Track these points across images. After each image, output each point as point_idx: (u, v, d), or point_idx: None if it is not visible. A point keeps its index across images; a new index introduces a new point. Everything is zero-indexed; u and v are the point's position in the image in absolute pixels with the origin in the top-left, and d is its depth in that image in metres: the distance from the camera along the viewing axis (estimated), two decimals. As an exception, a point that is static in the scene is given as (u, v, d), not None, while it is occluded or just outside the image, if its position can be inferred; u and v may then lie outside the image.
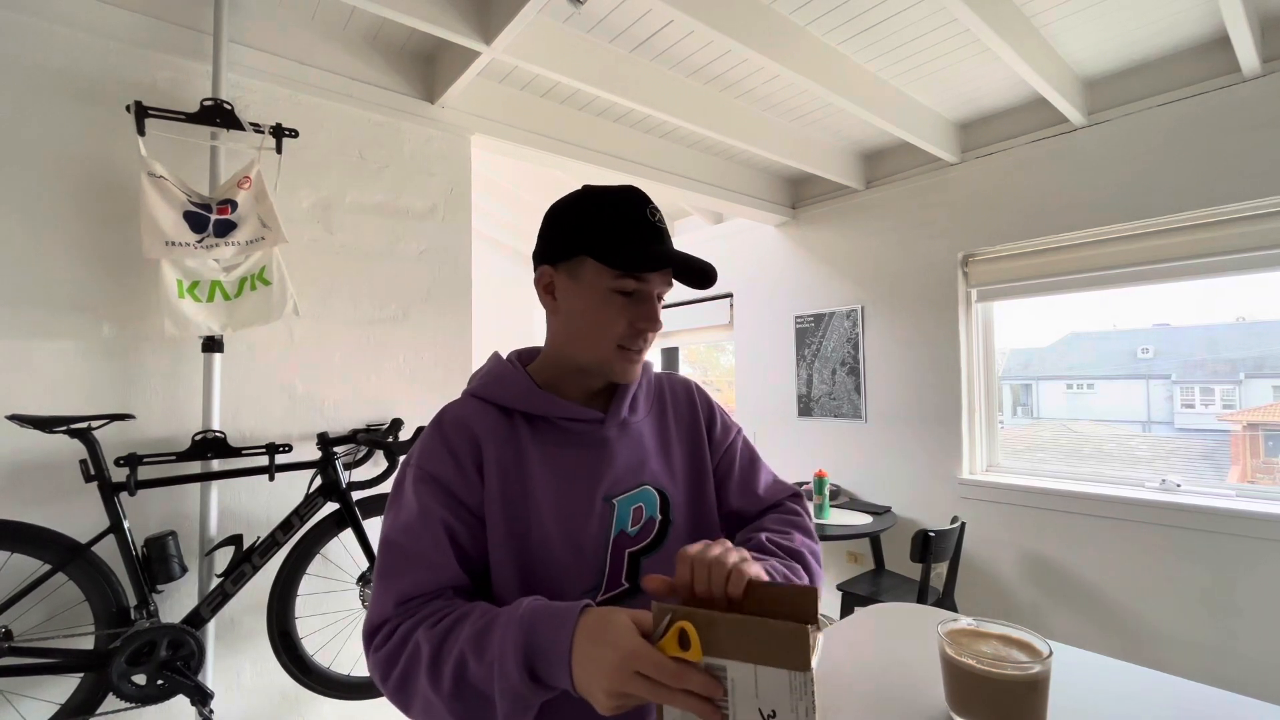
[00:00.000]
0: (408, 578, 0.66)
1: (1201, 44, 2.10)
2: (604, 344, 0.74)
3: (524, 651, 0.55)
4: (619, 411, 0.78)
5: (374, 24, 1.97)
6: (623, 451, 0.77)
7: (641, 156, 2.77)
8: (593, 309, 0.73)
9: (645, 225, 0.72)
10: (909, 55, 2.18)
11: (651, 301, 0.73)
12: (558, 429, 0.75)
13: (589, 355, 0.75)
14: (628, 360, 0.75)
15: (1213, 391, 2.35)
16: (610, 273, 0.71)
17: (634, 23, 1.99)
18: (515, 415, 0.75)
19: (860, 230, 3.18)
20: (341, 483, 1.71)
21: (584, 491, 0.74)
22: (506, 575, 0.69)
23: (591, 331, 0.74)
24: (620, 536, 0.74)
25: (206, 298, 1.60)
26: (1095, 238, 2.44)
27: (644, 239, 0.72)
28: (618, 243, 0.71)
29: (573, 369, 0.77)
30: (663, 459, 0.81)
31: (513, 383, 0.76)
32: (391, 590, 0.66)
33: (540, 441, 0.74)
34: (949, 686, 0.63)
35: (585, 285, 0.73)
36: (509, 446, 0.72)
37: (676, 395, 0.88)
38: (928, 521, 2.83)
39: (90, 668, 1.40)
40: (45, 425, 1.36)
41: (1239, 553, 2.06)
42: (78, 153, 1.58)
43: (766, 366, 3.62)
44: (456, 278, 2.23)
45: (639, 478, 0.77)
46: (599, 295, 0.72)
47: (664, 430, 0.84)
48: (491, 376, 0.78)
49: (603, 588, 0.72)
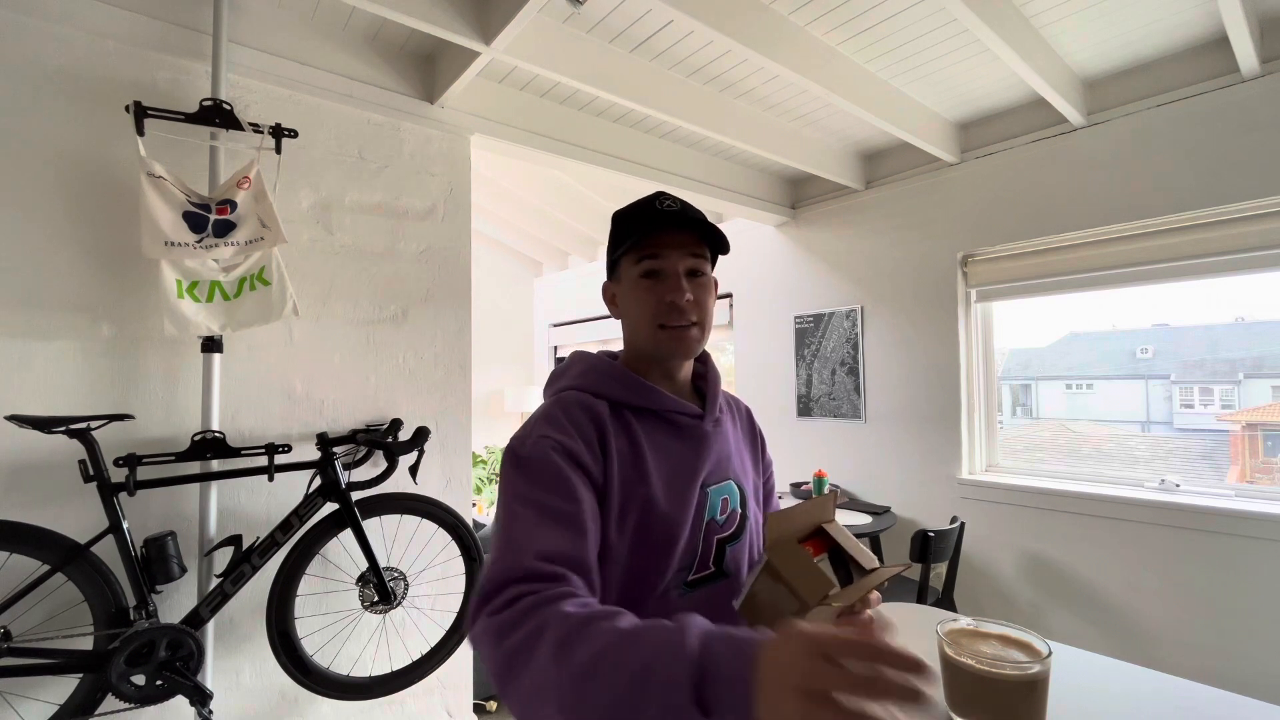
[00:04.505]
0: (554, 535, 0.64)
1: (1201, 44, 2.11)
2: (647, 327, 0.80)
3: (697, 674, 0.46)
4: (714, 409, 0.86)
5: (374, 24, 1.97)
6: (716, 445, 0.85)
7: (641, 156, 2.77)
8: (632, 299, 0.81)
9: (654, 211, 0.80)
10: (909, 55, 2.18)
11: (675, 276, 0.79)
12: (664, 421, 0.82)
13: (643, 344, 0.82)
14: (672, 338, 0.80)
15: (1212, 391, 2.35)
16: (634, 260, 0.80)
17: (634, 23, 1.99)
18: (622, 407, 0.80)
19: (860, 230, 3.18)
20: (341, 483, 1.71)
21: (688, 479, 0.79)
22: (617, 552, 0.72)
23: (636, 319, 0.82)
24: (711, 523, 0.80)
25: (206, 298, 1.60)
26: (1095, 238, 2.44)
27: (652, 220, 0.79)
28: (633, 230, 0.80)
29: (654, 368, 0.85)
30: (739, 460, 0.89)
31: (619, 377, 0.81)
32: (529, 548, 0.62)
33: (650, 431, 0.80)
34: (948, 686, 0.63)
35: (625, 283, 0.83)
36: (624, 435, 0.78)
37: (739, 411, 0.96)
38: (927, 521, 2.83)
39: (89, 668, 1.40)
40: (44, 425, 1.36)
41: (1238, 553, 2.06)
42: (77, 153, 1.58)
43: (766, 367, 3.62)
44: (456, 278, 2.23)
45: (725, 472, 0.84)
46: (632, 284, 0.81)
47: (736, 435, 0.92)
48: (596, 372, 0.82)
49: (694, 568, 0.78)
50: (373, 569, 1.75)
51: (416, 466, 1.91)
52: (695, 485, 0.80)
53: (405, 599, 1.86)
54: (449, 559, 2.15)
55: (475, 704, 2.28)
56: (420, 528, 2.07)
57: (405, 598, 1.85)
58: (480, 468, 4.89)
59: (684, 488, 0.78)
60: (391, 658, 2.00)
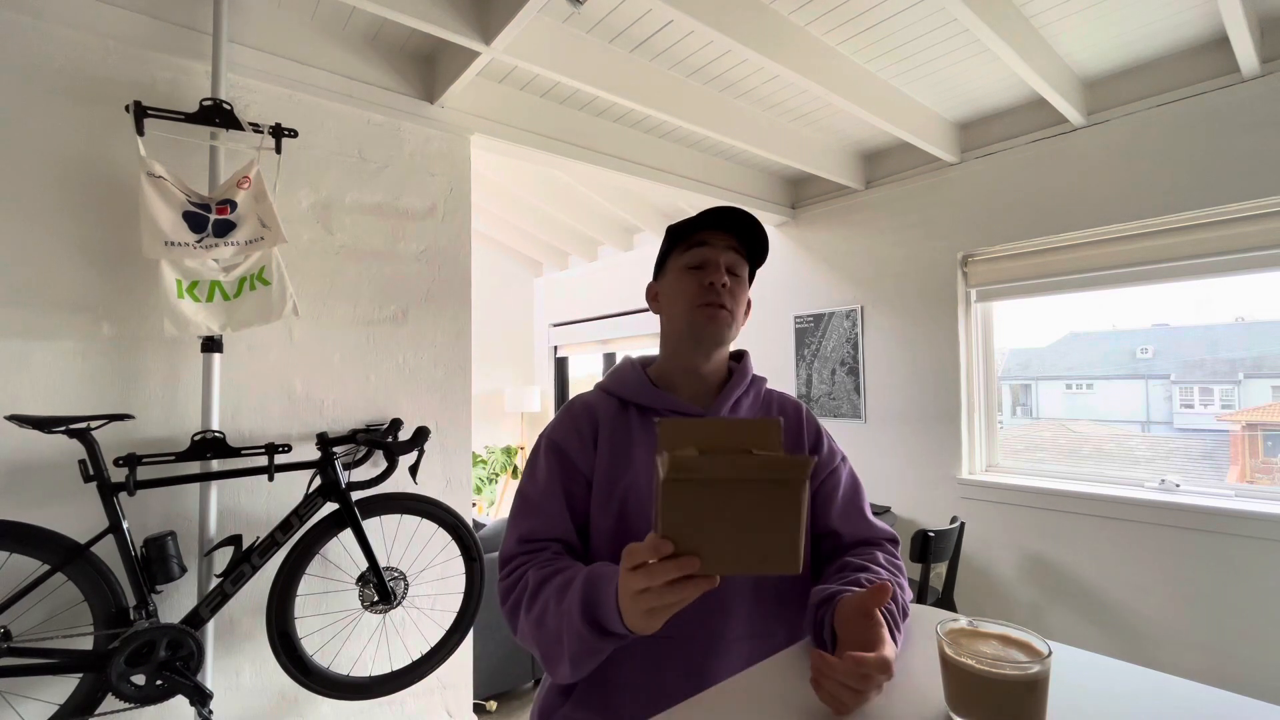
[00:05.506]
0: (528, 522, 0.84)
1: (1201, 44, 2.11)
2: (685, 309, 0.88)
3: (585, 603, 0.68)
4: (720, 408, 0.90)
5: (374, 24, 1.97)
6: None
7: (641, 156, 2.77)
8: (674, 289, 0.90)
9: (704, 213, 0.88)
10: (908, 55, 2.18)
11: (716, 265, 0.88)
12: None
13: (680, 327, 0.89)
14: (706, 315, 0.87)
15: (1212, 391, 2.35)
16: (680, 253, 0.90)
17: (634, 23, 1.99)
18: (630, 406, 0.91)
19: (860, 230, 3.18)
20: (341, 483, 1.71)
21: None
22: (603, 536, 0.84)
23: (676, 305, 0.89)
24: None
25: (206, 298, 1.60)
26: (1095, 238, 2.44)
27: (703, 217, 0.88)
28: (685, 229, 0.89)
29: (681, 368, 0.92)
30: None
31: (631, 379, 0.92)
32: (515, 531, 0.84)
33: (646, 428, 0.88)
34: (948, 686, 0.63)
35: (669, 277, 0.92)
36: (620, 430, 0.88)
37: (785, 412, 0.98)
38: (927, 521, 2.83)
39: (89, 668, 1.40)
40: (44, 425, 1.36)
41: (1238, 553, 2.06)
42: (77, 153, 1.58)
43: (766, 366, 3.62)
44: (456, 278, 2.23)
45: None
46: (677, 275, 0.90)
47: None
48: (617, 374, 0.94)
49: None
50: (373, 569, 1.75)
51: (416, 466, 1.91)
52: None
53: (405, 599, 1.87)
54: (449, 559, 2.15)
55: (475, 704, 2.28)
56: (420, 528, 2.07)
57: (405, 598, 1.85)
58: (480, 468, 4.89)
59: None
60: (391, 658, 2.01)
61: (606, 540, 0.83)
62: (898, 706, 0.65)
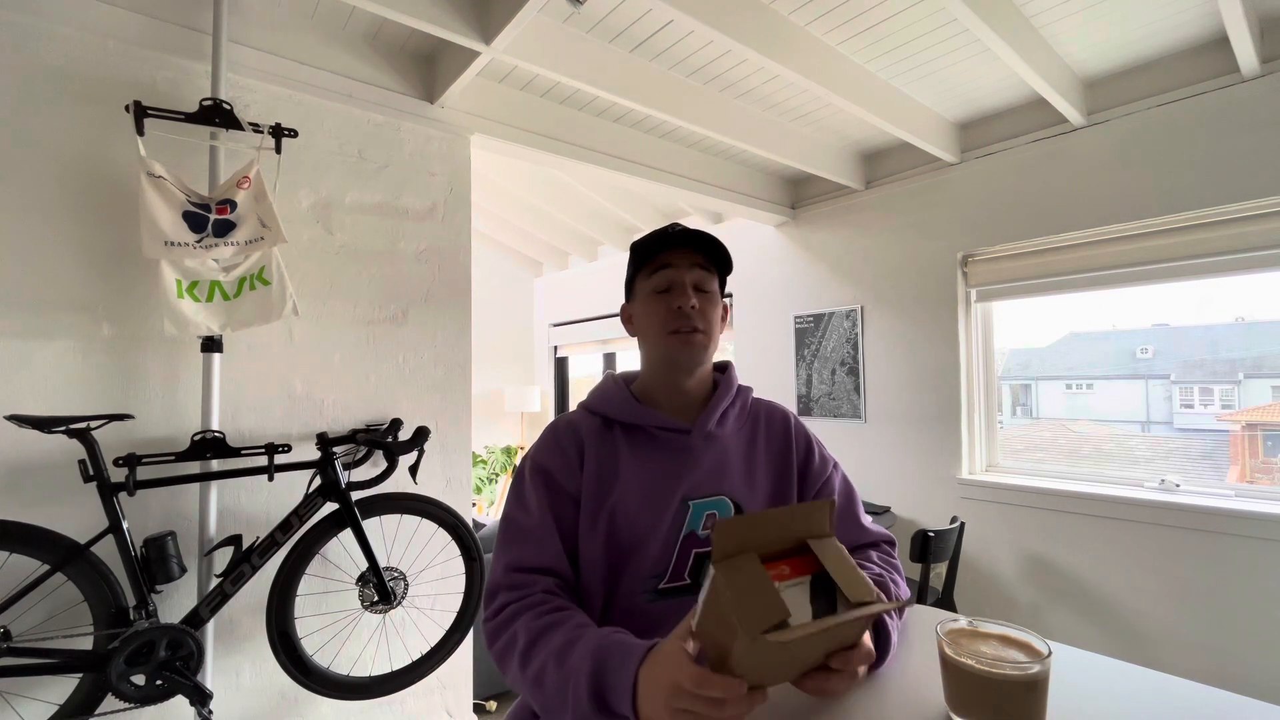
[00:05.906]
0: (515, 549, 0.81)
1: (1201, 44, 2.11)
2: (658, 335, 0.87)
3: (594, 679, 0.64)
4: (705, 424, 0.88)
5: (374, 24, 1.97)
6: (706, 460, 0.87)
7: (641, 156, 2.77)
8: (645, 312, 0.89)
9: (664, 234, 0.87)
10: (908, 55, 2.18)
11: (682, 287, 0.86)
12: (649, 436, 0.87)
13: (656, 352, 0.89)
14: (681, 341, 0.86)
15: (1212, 391, 2.35)
16: (647, 276, 0.89)
17: (634, 23, 1.99)
18: (615, 424, 0.89)
19: (860, 230, 3.18)
20: (341, 483, 1.71)
21: (664, 490, 0.84)
22: (593, 556, 0.81)
23: (649, 331, 0.89)
24: (690, 536, 0.83)
25: (206, 298, 1.60)
26: (1095, 238, 2.44)
27: (663, 241, 0.87)
28: (647, 252, 0.88)
29: (662, 384, 0.90)
30: (745, 475, 0.90)
31: (614, 397, 0.90)
32: (503, 560, 0.80)
33: (632, 445, 0.87)
34: (948, 686, 0.63)
35: (639, 300, 0.91)
36: (606, 448, 0.86)
37: (772, 422, 0.96)
38: (927, 521, 2.83)
39: (89, 668, 1.40)
40: (44, 425, 1.36)
41: (1238, 553, 2.06)
42: (77, 153, 1.58)
43: (766, 367, 3.62)
44: (456, 278, 2.23)
45: (719, 487, 0.87)
46: (645, 299, 0.89)
47: (751, 450, 0.92)
48: (600, 392, 0.93)
49: (667, 577, 0.82)
50: (373, 569, 1.75)
51: (416, 466, 1.91)
52: (673, 498, 0.84)
53: (405, 599, 1.86)
54: (449, 559, 2.15)
55: (475, 704, 2.28)
56: (420, 528, 2.07)
57: (405, 598, 1.85)
58: (480, 468, 4.89)
59: (658, 499, 0.83)
60: (391, 658, 2.00)
61: (595, 559, 0.81)
62: (898, 706, 0.65)
